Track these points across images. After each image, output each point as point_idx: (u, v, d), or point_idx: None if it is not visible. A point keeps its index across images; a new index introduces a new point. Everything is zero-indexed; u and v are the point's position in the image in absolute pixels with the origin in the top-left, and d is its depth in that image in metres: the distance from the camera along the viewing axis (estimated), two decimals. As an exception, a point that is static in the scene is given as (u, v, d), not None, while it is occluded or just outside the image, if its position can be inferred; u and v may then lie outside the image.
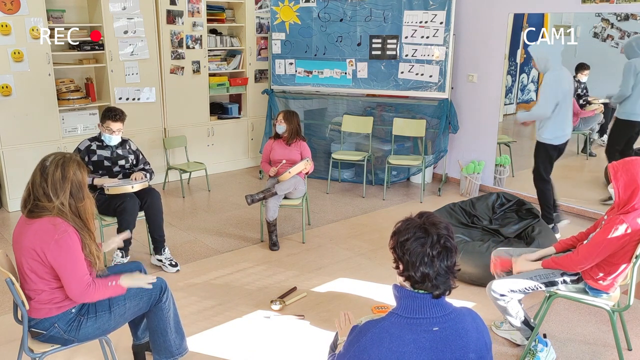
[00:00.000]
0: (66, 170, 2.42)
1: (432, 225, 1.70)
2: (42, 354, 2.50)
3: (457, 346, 1.67)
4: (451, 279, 1.72)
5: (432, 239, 1.67)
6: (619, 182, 2.77)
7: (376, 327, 1.70)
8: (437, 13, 5.83)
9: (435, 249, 1.67)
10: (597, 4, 4.98)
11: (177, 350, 2.83)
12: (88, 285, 2.41)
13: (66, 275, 2.37)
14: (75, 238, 2.40)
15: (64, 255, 2.35)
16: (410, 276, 1.70)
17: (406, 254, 1.69)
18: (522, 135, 7.39)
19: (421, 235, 1.68)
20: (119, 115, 4.07)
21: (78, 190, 2.45)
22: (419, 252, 1.67)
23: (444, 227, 1.70)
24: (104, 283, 2.49)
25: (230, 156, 6.95)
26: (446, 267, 1.69)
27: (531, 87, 6.97)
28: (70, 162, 2.45)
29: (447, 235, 1.70)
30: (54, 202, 2.38)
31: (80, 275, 2.39)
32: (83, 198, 2.47)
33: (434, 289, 1.69)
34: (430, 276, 1.67)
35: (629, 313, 3.57)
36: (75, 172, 2.45)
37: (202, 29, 6.28)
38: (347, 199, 5.93)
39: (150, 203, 4.10)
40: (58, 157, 2.46)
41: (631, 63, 5.23)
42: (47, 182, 2.39)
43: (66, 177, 2.41)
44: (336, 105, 6.64)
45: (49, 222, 2.37)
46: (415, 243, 1.68)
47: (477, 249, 3.90)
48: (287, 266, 4.28)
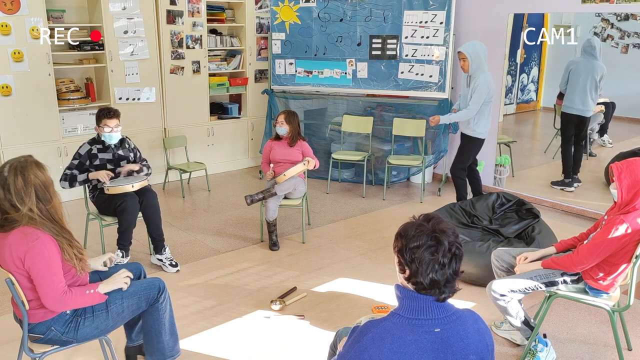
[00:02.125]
0: (26, 175, 2.34)
1: (442, 232, 1.68)
2: (42, 354, 2.50)
3: (458, 348, 1.67)
4: (456, 282, 1.72)
5: (444, 249, 1.66)
6: (623, 183, 2.77)
7: (377, 327, 1.69)
8: (437, 13, 5.83)
9: (446, 257, 1.66)
10: (597, 4, 4.99)
11: (170, 352, 2.81)
12: (63, 294, 2.36)
13: (40, 284, 2.33)
14: (49, 244, 2.34)
15: (37, 264, 2.31)
16: (418, 282, 1.68)
17: (415, 262, 1.67)
18: (522, 135, 7.40)
19: (433, 244, 1.66)
20: (112, 111, 4.08)
21: (44, 192, 2.39)
22: (429, 261, 1.65)
23: (452, 234, 1.69)
24: (80, 291, 2.44)
25: (230, 156, 6.95)
26: (453, 272, 1.69)
27: (531, 87, 6.98)
28: (27, 165, 2.37)
29: (457, 242, 1.69)
30: (21, 210, 2.32)
31: (54, 284, 2.34)
32: (51, 198, 2.41)
33: (441, 294, 1.69)
34: (440, 283, 1.67)
35: (629, 313, 3.57)
36: (36, 173, 2.38)
37: (202, 29, 6.28)
38: (347, 199, 5.93)
39: (147, 203, 4.09)
40: (14, 164, 2.37)
41: (571, 62, 5.80)
42: (11, 193, 2.32)
43: (28, 181, 2.34)
44: (336, 105, 6.64)
45: (20, 232, 2.32)
46: (427, 252, 1.66)
47: (477, 249, 3.90)
48: (287, 266, 4.28)
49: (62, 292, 2.36)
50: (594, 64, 5.62)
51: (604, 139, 6.42)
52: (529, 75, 6.86)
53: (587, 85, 5.67)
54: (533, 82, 6.94)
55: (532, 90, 7.00)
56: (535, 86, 6.99)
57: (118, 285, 2.59)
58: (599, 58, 5.61)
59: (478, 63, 4.71)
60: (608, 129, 6.42)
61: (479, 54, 4.70)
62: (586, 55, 5.67)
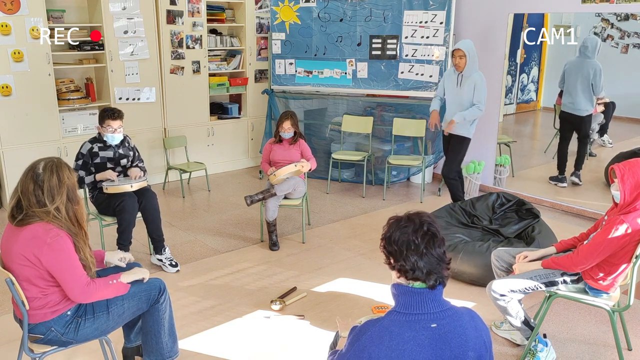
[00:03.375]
0: (61, 175, 2.41)
1: (415, 215, 1.79)
2: (42, 354, 2.50)
3: (455, 344, 1.69)
4: (444, 269, 1.75)
5: (414, 225, 1.74)
6: (626, 185, 2.76)
7: (376, 325, 1.71)
8: (437, 13, 5.83)
9: (418, 233, 1.73)
10: (597, 4, 4.99)
11: (169, 353, 2.81)
12: (87, 284, 2.40)
13: (64, 276, 2.36)
14: (68, 241, 2.38)
15: (59, 257, 2.34)
16: (402, 267, 1.74)
17: (393, 245, 1.76)
18: (522, 135, 7.40)
19: (404, 224, 1.76)
20: (117, 113, 4.08)
21: (74, 193, 2.46)
22: (404, 240, 1.74)
23: (426, 216, 1.78)
24: (104, 281, 2.48)
25: (230, 156, 6.95)
26: (437, 257, 1.73)
27: (531, 87, 6.97)
28: (62, 166, 2.45)
29: (430, 222, 1.76)
30: (48, 207, 2.36)
31: (78, 275, 2.39)
32: (78, 201, 2.48)
33: (427, 278, 1.72)
34: (420, 264, 1.71)
35: (629, 313, 3.57)
36: (69, 176, 2.45)
37: (202, 29, 6.28)
38: (347, 199, 5.93)
39: (147, 204, 4.09)
40: (49, 162, 2.43)
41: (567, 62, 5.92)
42: (43, 189, 2.37)
43: (62, 181, 2.40)
44: (336, 105, 6.64)
45: (40, 227, 2.35)
46: (400, 232, 1.76)
47: (477, 249, 3.90)
48: (287, 266, 4.28)
49: (86, 283, 2.40)
50: (585, 63, 5.72)
51: (604, 139, 6.42)
52: (529, 75, 6.85)
53: (578, 84, 5.78)
54: (533, 82, 6.94)
55: (532, 90, 6.99)
56: (535, 86, 6.98)
57: (139, 275, 2.65)
58: (593, 57, 5.68)
59: (473, 61, 4.73)
60: (608, 129, 6.41)
61: (474, 52, 4.73)
62: (580, 55, 5.77)
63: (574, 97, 5.83)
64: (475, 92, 4.76)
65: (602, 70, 5.67)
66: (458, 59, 4.75)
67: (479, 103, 4.77)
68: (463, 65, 4.74)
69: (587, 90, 5.75)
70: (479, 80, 4.74)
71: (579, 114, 5.86)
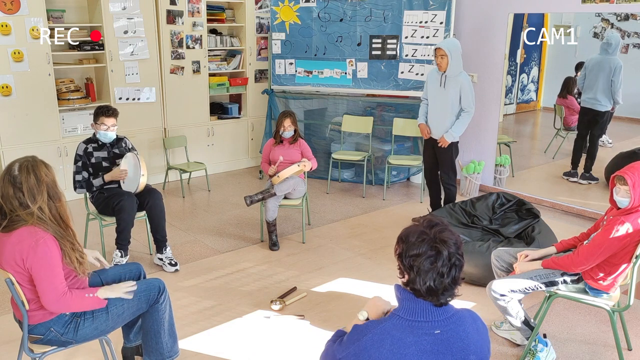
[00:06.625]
0: (39, 173, 2.36)
1: (443, 243, 1.66)
2: (42, 354, 2.50)
3: (457, 349, 1.68)
4: (456, 289, 1.71)
5: (442, 259, 1.65)
6: (637, 191, 2.76)
7: (377, 328, 1.70)
8: (437, 13, 5.83)
9: (445, 267, 1.65)
10: (597, 4, 4.99)
11: (169, 353, 2.81)
12: (63, 294, 2.35)
13: (41, 283, 2.33)
14: (52, 246, 2.34)
15: (40, 263, 2.31)
16: (416, 289, 1.69)
17: (414, 269, 1.67)
18: (522, 135, 7.40)
19: (432, 254, 1.66)
20: (111, 110, 4.07)
21: (54, 190, 2.41)
22: (427, 270, 1.66)
23: (453, 244, 1.68)
24: (80, 295, 2.44)
25: (230, 156, 6.95)
26: (452, 281, 1.68)
27: (531, 87, 6.98)
28: (38, 164, 2.39)
29: (457, 253, 1.68)
30: (31, 208, 2.32)
31: (54, 285, 2.34)
32: (59, 197, 2.42)
33: (438, 300, 1.69)
34: (437, 291, 1.67)
35: (629, 313, 3.57)
36: (47, 173, 2.39)
37: (202, 29, 6.28)
38: (347, 199, 5.93)
39: (153, 204, 4.09)
40: (24, 162, 2.37)
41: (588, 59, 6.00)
42: (23, 191, 2.32)
43: (40, 179, 2.35)
44: (336, 105, 6.64)
45: (26, 230, 2.32)
46: (426, 262, 1.66)
47: (477, 249, 3.90)
48: (287, 266, 4.28)
49: (62, 292, 2.36)
50: (606, 60, 5.81)
51: (604, 139, 6.42)
52: (529, 75, 6.86)
53: (599, 80, 5.86)
54: (533, 82, 6.94)
55: (532, 90, 6.99)
56: (535, 86, 6.98)
57: (118, 294, 2.57)
58: (614, 53, 5.78)
59: (457, 61, 4.54)
60: (608, 129, 6.42)
61: (458, 52, 4.55)
62: (601, 52, 5.87)
63: (595, 93, 5.92)
64: (463, 96, 4.59)
65: (622, 68, 5.78)
66: (439, 59, 4.54)
67: (468, 107, 4.62)
68: (445, 65, 4.53)
69: (607, 87, 5.85)
70: (465, 83, 4.55)
71: (597, 109, 5.96)
